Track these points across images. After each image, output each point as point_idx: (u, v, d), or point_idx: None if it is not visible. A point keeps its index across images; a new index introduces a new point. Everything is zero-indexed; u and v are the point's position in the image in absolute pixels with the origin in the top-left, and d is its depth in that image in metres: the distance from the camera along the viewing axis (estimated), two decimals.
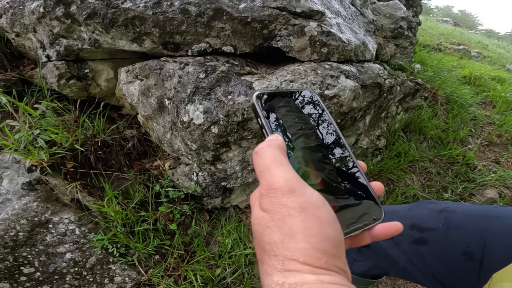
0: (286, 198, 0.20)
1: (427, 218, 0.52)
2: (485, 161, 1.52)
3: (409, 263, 0.50)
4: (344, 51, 0.95)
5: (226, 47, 0.90)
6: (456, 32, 3.83)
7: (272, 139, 0.24)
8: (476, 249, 0.45)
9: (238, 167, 0.91)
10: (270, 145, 0.23)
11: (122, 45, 0.95)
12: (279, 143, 0.24)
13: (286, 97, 0.30)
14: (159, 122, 0.96)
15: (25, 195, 0.92)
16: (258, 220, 0.22)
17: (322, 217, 0.21)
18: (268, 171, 0.22)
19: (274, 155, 0.23)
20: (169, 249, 1.01)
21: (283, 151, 0.24)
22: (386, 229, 0.26)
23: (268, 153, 0.23)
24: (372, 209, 0.27)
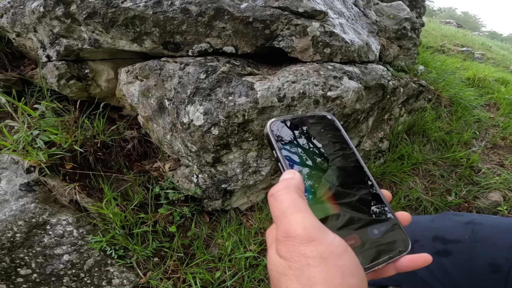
0: (304, 247, 0.19)
1: (452, 230, 0.51)
2: (489, 164, 1.50)
3: (429, 275, 0.49)
4: (347, 52, 0.94)
5: (227, 47, 0.88)
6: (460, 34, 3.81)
7: (289, 179, 0.23)
8: (504, 261, 0.44)
9: (239, 169, 0.90)
10: (288, 187, 0.22)
11: (122, 45, 0.94)
12: (296, 184, 0.23)
13: (302, 123, 0.29)
14: (159, 123, 0.95)
15: (23, 196, 0.91)
16: (274, 266, 0.21)
17: (343, 266, 0.20)
18: (286, 216, 0.21)
19: (292, 199, 0.21)
20: (168, 252, 1.00)
21: (301, 192, 0.23)
22: (413, 261, 0.25)
23: (285, 197, 0.22)
24: (398, 240, 0.25)
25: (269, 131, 0.27)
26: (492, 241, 0.47)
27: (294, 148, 0.27)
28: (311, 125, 0.29)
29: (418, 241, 0.52)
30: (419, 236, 0.53)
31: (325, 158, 0.27)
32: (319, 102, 0.82)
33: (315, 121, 0.29)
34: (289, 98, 0.79)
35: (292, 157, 0.26)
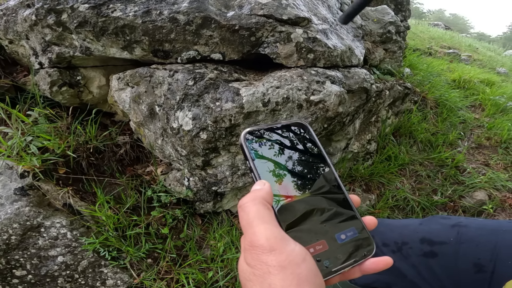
0: (266, 256, 0.21)
1: (439, 232, 0.52)
2: (475, 163, 1.55)
3: (418, 276, 0.51)
4: (330, 57, 0.97)
5: (214, 55, 0.91)
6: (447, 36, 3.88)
7: (257, 191, 0.24)
8: (488, 262, 0.46)
9: (228, 172, 0.93)
10: (254, 199, 0.24)
11: (113, 52, 0.96)
12: (263, 195, 0.24)
13: (277, 131, 0.30)
14: (150, 128, 0.98)
15: (17, 200, 0.93)
16: (242, 272, 0.23)
17: (300, 274, 0.21)
18: (251, 227, 0.22)
19: (257, 211, 0.23)
20: (161, 253, 1.03)
21: (268, 203, 0.24)
22: (375, 264, 0.27)
23: (252, 208, 0.23)
24: (363, 244, 0.27)
25: (243, 142, 0.28)
26: (476, 243, 0.48)
27: (267, 157, 0.27)
28: (284, 133, 0.30)
29: (407, 243, 0.53)
30: (407, 238, 0.54)
31: (297, 165, 0.28)
32: (303, 106, 0.86)
33: (289, 129, 0.30)
34: (273, 103, 0.82)
35: (265, 166, 0.27)
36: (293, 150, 0.29)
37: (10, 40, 1.17)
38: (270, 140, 0.29)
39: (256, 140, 0.28)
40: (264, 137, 0.29)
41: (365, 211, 1.22)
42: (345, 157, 1.26)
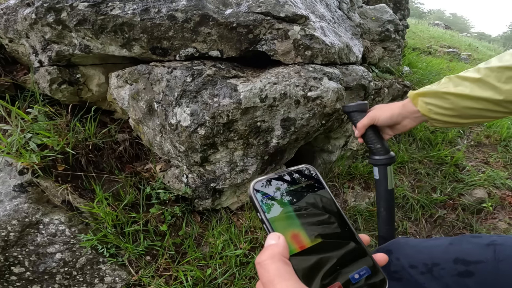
0: None
1: (473, 251, 0.52)
2: (474, 161, 1.54)
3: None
4: (328, 54, 0.98)
5: (212, 52, 0.92)
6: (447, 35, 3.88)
7: (274, 246, 0.25)
8: None
9: (226, 168, 0.93)
10: (273, 256, 0.24)
11: (112, 50, 0.97)
12: (280, 252, 0.24)
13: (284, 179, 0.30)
14: (149, 125, 0.98)
15: (16, 196, 0.93)
16: None
17: None
18: (272, 284, 0.23)
19: (277, 268, 0.23)
20: (160, 250, 1.03)
21: (286, 258, 0.24)
22: None
23: (271, 266, 0.23)
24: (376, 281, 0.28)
25: (252, 194, 0.28)
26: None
27: (277, 207, 0.28)
28: (292, 179, 0.31)
29: (439, 264, 0.53)
30: (438, 259, 0.54)
31: (307, 212, 0.29)
32: (300, 102, 0.86)
33: (297, 175, 0.31)
34: (270, 98, 0.82)
35: (276, 216, 0.27)
36: (301, 197, 0.30)
37: (10, 39, 1.18)
38: (279, 189, 0.29)
39: (265, 191, 0.29)
40: (273, 186, 0.29)
41: (364, 208, 1.21)
42: (344, 155, 1.26)
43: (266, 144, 0.88)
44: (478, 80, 0.56)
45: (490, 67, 0.55)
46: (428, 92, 0.61)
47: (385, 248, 0.64)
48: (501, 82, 0.54)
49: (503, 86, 0.53)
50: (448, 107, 0.59)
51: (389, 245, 0.64)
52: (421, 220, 1.28)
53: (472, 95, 0.56)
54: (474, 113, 0.59)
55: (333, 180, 1.24)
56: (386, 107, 0.68)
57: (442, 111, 0.60)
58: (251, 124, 0.83)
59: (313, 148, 1.25)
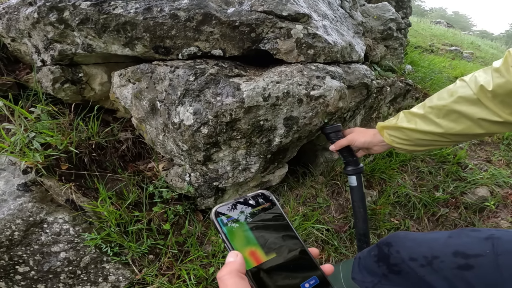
0: None
1: (472, 245, 0.53)
2: (476, 160, 1.54)
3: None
4: (330, 53, 0.97)
5: (215, 51, 0.92)
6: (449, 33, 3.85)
7: (232, 263, 0.28)
8: None
9: (229, 167, 0.93)
10: (230, 272, 0.27)
11: (114, 49, 0.97)
12: (237, 268, 0.28)
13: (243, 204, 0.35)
14: (152, 124, 0.98)
15: (20, 195, 0.94)
16: None
17: None
18: None
19: (234, 283, 0.27)
20: (163, 249, 1.03)
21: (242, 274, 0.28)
22: None
23: (229, 281, 0.27)
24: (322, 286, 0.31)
25: (213, 218, 0.33)
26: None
27: (236, 228, 0.32)
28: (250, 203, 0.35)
29: (438, 257, 0.54)
30: (438, 252, 0.55)
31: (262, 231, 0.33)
32: (303, 101, 0.86)
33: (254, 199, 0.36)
34: (273, 97, 0.82)
35: (236, 236, 0.32)
36: (258, 217, 0.35)
37: (13, 38, 1.19)
38: (238, 212, 0.34)
39: (226, 214, 0.33)
40: (233, 210, 0.34)
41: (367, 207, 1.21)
42: None
43: (269, 143, 0.89)
44: (422, 116, 0.66)
45: (430, 106, 0.65)
46: (389, 126, 0.75)
47: (385, 241, 0.64)
48: (440, 118, 0.63)
49: (441, 121, 0.63)
50: (405, 138, 0.71)
51: (388, 238, 0.64)
52: (423, 218, 1.28)
53: (419, 129, 0.67)
54: (425, 143, 0.69)
55: (335, 179, 1.24)
56: (363, 133, 0.85)
57: (401, 141, 0.72)
58: (254, 123, 0.83)
59: (315, 147, 1.25)
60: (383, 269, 0.63)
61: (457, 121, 0.61)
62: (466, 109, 0.59)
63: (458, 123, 0.61)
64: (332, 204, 1.19)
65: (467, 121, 0.60)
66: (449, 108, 0.61)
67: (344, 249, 1.12)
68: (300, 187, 1.20)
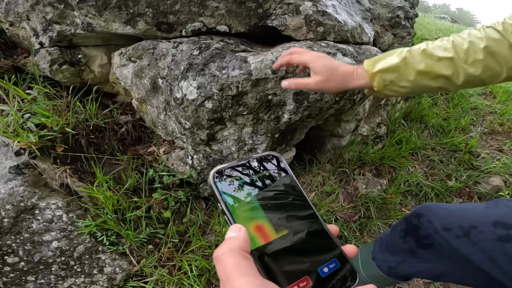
0: None
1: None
2: (488, 149, 1.49)
3: (488, 262, 0.47)
4: (341, 31, 0.94)
5: (220, 27, 0.88)
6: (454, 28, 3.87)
7: (233, 239, 0.23)
8: None
9: (234, 147, 0.88)
10: (231, 249, 0.22)
11: (115, 28, 0.94)
12: (240, 244, 0.22)
13: (249, 168, 0.28)
14: (153, 103, 0.93)
15: (12, 179, 0.88)
16: None
17: None
18: (230, 281, 0.20)
19: (236, 263, 0.21)
20: (163, 238, 0.97)
21: (246, 252, 0.22)
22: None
23: (229, 261, 0.21)
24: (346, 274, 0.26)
25: (212, 182, 0.26)
26: None
27: (239, 197, 0.26)
28: (256, 168, 0.29)
29: (476, 227, 0.49)
30: (476, 222, 0.50)
31: (272, 202, 0.27)
32: None
33: (261, 162, 0.29)
34: (283, 70, 0.78)
35: (239, 207, 0.26)
36: (266, 186, 0.28)
37: (11, 23, 1.15)
38: (242, 178, 0.28)
39: (227, 180, 0.27)
40: (235, 175, 0.27)
41: (376, 196, 1.16)
42: (355, 140, 1.21)
43: (277, 119, 0.84)
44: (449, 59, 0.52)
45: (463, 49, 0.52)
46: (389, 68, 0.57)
47: (414, 212, 0.59)
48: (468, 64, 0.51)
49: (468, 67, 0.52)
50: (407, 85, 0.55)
51: (418, 209, 0.59)
52: None
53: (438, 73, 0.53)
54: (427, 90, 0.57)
55: (343, 166, 1.19)
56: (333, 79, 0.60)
57: (398, 88, 0.57)
58: (262, 98, 0.79)
59: (322, 133, 1.20)
60: (411, 244, 0.57)
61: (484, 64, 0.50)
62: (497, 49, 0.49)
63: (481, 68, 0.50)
64: (340, 192, 1.14)
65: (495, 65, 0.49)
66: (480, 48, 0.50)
67: (355, 240, 1.05)
68: (306, 175, 1.15)
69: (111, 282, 0.93)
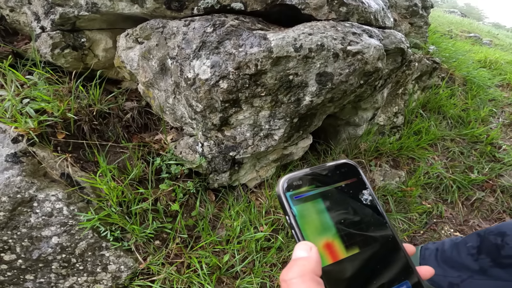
0: None
1: None
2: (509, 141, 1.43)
3: None
4: (364, 13, 0.88)
5: (235, 4, 0.82)
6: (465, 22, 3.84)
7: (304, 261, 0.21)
8: None
9: (249, 132, 0.82)
10: (303, 275, 0.20)
11: (121, 7, 0.88)
12: (312, 269, 0.20)
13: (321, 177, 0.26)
14: (161, 86, 0.87)
15: (8, 168, 0.81)
16: None
17: None
18: None
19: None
20: (170, 233, 0.90)
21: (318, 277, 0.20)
22: None
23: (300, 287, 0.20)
24: None
25: (281, 192, 0.24)
26: None
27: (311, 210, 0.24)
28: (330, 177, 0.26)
29: None
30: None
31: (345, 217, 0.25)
32: (339, 56, 0.75)
33: (336, 172, 0.27)
34: (306, 49, 0.72)
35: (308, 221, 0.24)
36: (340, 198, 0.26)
37: (11, 8, 1.10)
38: (314, 188, 0.25)
39: (298, 189, 0.25)
40: (306, 184, 0.25)
41: (395, 188, 1.09)
42: (371, 130, 1.15)
43: (297, 102, 0.77)
44: None
45: None
46: None
47: (495, 230, 0.54)
48: None
49: None
50: None
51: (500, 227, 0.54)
52: (457, 202, 1.15)
53: None
54: None
55: (359, 157, 1.13)
56: None
57: None
58: (282, 78, 0.72)
59: (337, 122, 1.14)
60: (484, 262, 0.54)
61: None
62: None
63: None
64: None
65: None
66: None
67: None
68: None
69: (115, 281, 0.86)
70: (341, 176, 0.27)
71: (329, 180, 0.26)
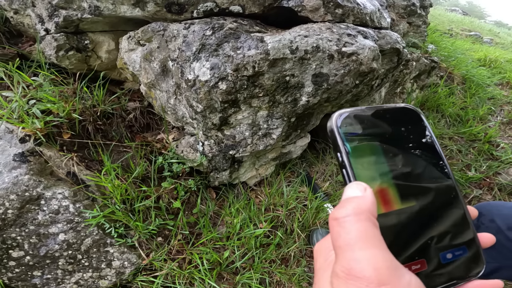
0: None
1: None
2: (507, 139, 1.44)
3: None
4: (360, 14, 0.89)
5: (234, 7, 0.84)
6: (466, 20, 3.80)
7: (360, 200, 0.18)
8: None
9: (248, 132, 0.84)
10: (359, 213, 0.18)
11: (123, 10, 0.90)
12: (369, 208, 0.18)
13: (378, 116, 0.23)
14: (162, 87, 0.90)
15: (16, 167, 0.84)
16: None
17: None
18: (352, 251, 0.17)
19: (364, 230, 0.17)
20: (172, 230, 0.92)
21: (374, 219, 0.18)
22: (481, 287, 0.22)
23: (355, 226, 0.17)
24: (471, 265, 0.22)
25: (334, 126, 0.22)
26: None
27: (365, 151, 0.22)
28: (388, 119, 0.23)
29: None
30: None
31: (404, 165, 0.22)
32: (334, 57, 0.77)
33: (396, 115, 0.24)
34: (302, 50, 0.74)
35: (361, 163, 0.21)
36: (399, 144, 0.23)
37: (16, 10, 1.12)
38: (370, 128, 0.22)
39: (351, 127, 0.22)
40: (362, 123, 0.22)
41: None
42: None
43: (294, 102, 0.79)
44: None
45: None
46: None
47: None
48: None
49: None
50: None
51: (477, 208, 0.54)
52: None
53: None
54: None
55: None
56: None
57: None
58: (279, 79, 0.74)
59: None
60: None
61: None
62: None
63: None
64: None
65: None
66: None
67: None
68: (320, 164, 1.10)
69: (119, 277, 0.89)
70: (401, 119, 0.23)
71: (388, 122, 0.23)
